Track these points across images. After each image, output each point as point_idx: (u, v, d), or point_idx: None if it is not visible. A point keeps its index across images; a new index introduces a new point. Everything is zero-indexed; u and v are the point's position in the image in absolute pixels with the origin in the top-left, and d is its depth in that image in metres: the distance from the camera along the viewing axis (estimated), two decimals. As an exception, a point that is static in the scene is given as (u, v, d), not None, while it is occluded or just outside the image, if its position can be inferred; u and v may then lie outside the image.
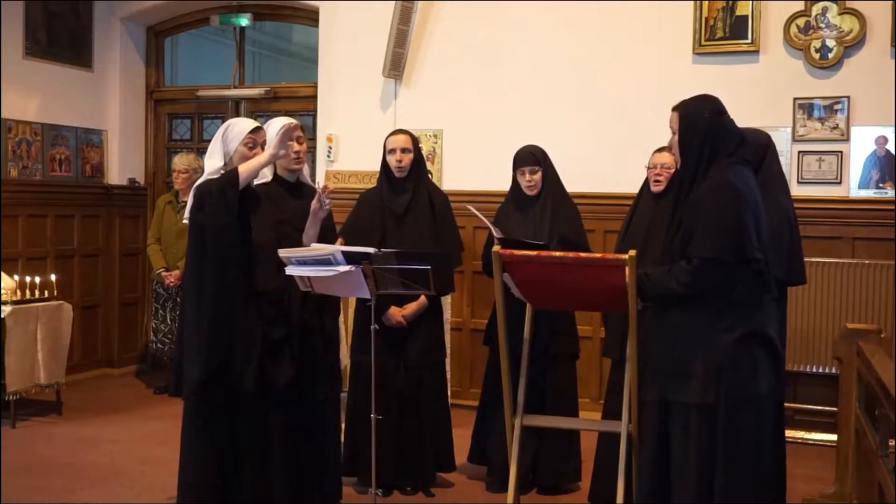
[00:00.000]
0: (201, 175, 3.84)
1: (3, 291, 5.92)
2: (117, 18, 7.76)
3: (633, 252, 3.27)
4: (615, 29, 6.25)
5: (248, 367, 3.65)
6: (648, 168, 4.33)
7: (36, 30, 7.10)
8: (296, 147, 3.96)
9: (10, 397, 5.83)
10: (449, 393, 4.93)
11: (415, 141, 4.71)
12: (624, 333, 3.74)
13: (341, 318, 5.17)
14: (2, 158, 6.73)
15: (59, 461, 5.21)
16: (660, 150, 4.30)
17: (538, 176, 4.59)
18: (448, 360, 5.03)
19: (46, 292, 6.12)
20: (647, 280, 3.26)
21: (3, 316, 5.74)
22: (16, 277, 6.11)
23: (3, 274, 6.08)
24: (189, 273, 3.75)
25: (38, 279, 6.10)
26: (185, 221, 3.77)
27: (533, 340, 4.12)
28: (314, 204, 3.85)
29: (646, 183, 4.38)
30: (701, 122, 3.22)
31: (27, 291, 6.02)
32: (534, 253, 3.55)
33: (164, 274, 6.65)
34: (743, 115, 3.58)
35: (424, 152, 6.24)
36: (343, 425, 4.62)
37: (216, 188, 3.62)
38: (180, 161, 6.73)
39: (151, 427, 5.90)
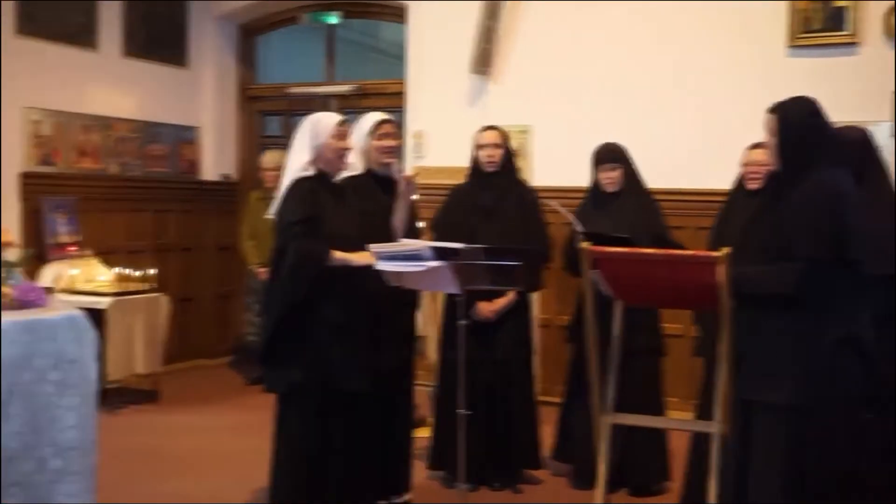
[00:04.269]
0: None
1: (104, 284, 6.14)
2: (211, 17, 7.95)
3: (726, 249, 3.22)
4: (706, 22, 6.14)
5: (341, 363, 3.70)
6: (743, 165, 4.25)
7: (134, 30, 7.31)
8: (387, 142, 4.00)
9: (110, 386, 6.03)
10: (537, 389, 4.93)
11: (505, 137, 4.72)
12: (716, 333, 3.67)
13: (431, 314, 5.21)
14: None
15: (155, 448, 5.38)
16: (754, 146, 4.22)
17: (617, 173, 4.56)
18: (536, 357, 5.02)
19: (145, 285, 6.31)
20: (743, 279, 3.20)
21: (104, 307, 5.95)
22: (117, 270, 6.32)
23: (105, 267, 6.30)
24: (273, 269, 3.84)
25: (137, 272, 6.30)
26: (271, 216, 3.85)
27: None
28: (401, 186, 3.90)
29: (740, 180, 4.30)
30: (799, 124, 3.15)
31: (127, 284, 6.22)
32: (624, 249, 3.52)
33: (257, 270, 6.77)
34: (839, 110, 3.48)
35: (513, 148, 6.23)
36: (432, 420, 4.66)
37: (309, 250, 3.67)
38: (269, 159, 6.84)
39: (244, 417, 6.03)
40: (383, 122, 4.17)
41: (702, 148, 6.06)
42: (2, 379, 2.64)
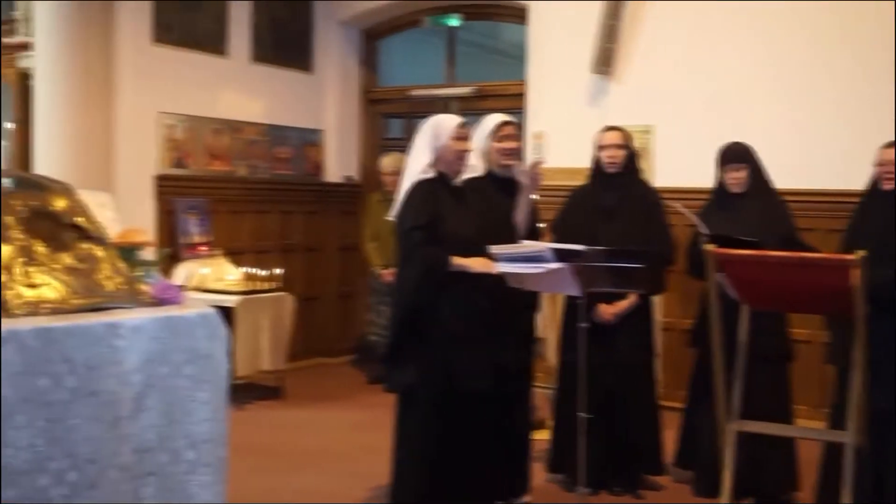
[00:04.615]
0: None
1: (233, 282, 6.35)
2: (335, 23, 8.12)
3: (862, 252, 3.09)
4: (839, 19, 5.91)
5: (461, 363, 3.73)
6: (876, 165, 4.08)
7: (261, 36, 7.54)
8: (508, 144, 4.01)
9: (237, 382, 6.23)
10: (658, 394, 4.85)
11: (627, 137, 4.66)
12: (849, 339, 3.54)
13: (550, 316, 5.19)
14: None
15: (279, 443, 5.52)
16: (888, 145, 4.04)
17: (744, 173, 4.44)
18: (658, 361, 4.94)
19: (272, 284, 6.50)
20: (880, 283, 3.08)
21: (233, 305, 6.14)
22: (245, 269, 6.52)
23: (234, 266, 6.52)
24: (398, 273, 3.90)
25: (264, 271, 6.49)
26: (391, 218, 3.90)
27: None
28: (524, 179, 3.90)
29: (874, 180, 4.12)
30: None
31: (255, 283, 6.42)
32: (752, 252, 3.43)
33: (380, 272, 6.85)
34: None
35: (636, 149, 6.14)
36: (551, 422, 4.64)
37: (433, 257, 3.71)
38: (388, 163, 6.92)
39: (365, 415, 6.13)
40: (504, 123, 4.18)
41: (832, 147, 5.84)
42: (140, 373, 2.75)
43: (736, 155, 4.47)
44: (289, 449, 5.42)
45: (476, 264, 3.70)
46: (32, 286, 2.71)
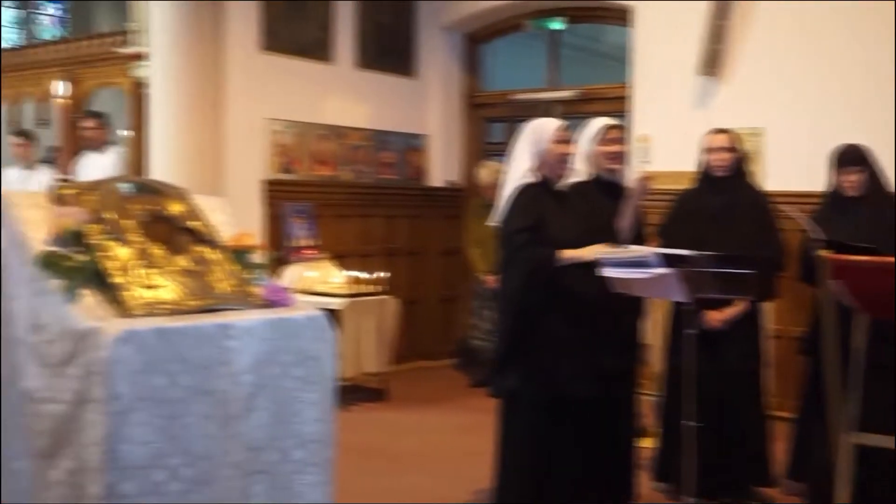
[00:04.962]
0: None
1: (338, 285, 6.45)
2: (438, 28, 8.17)
3: None
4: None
5: (566, 369, 3.70)
6: None
7: (366, 42, 7.65)
8: (613, 148, 3.97)
9: (342, 383, 6.31)
10: (767, 403, 4.71)
11: (736, 140, 4.55)
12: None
13: (656, 322, 5.10)
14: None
15: (384, 445, 5.58)
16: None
17: (860, 176, 4.27)
18: (767, 370, 4.80)
19: (376, 287, 6.58)
20: None
21: (338, 308, 6.24)
22: (350, 273, 6.62)
23: (339, 269, 6.62)
24: (502, 278, 3.89)
25: (368, 275, 6.58)
26: (494, 223, 3.90)
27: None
28: (633, 188, 3.86)
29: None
30: None
31: (359, 286, 6.50)
32: (870, 258, 3.30)
33: (485, 277, 6.85)
34: None
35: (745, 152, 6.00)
36: (656, 430, 4.56)
37: (537, 256, 3.68)
38: (485, 174, 6.93)
39: (468, 418, 6.14)
40: (610, 126, 4.14)
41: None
42: (251, 373, 2.82)
43: (853, 157, 4.32)
44: (393, 451, 5.47)
45: (588, 252, 3.66)
46: (150, 287, 2.81)
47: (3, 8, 13.33)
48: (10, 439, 2.97)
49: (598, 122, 4.12)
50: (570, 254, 3.67)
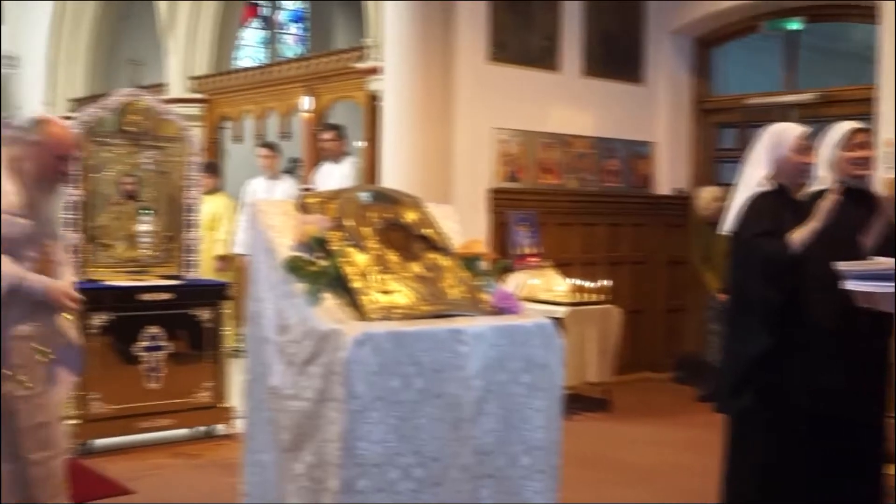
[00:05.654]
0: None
1: (561, 293, 6.45)
2: (667, 32, 8.01)
3: None
4: None
5: (802, 387, 3.52)
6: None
7: (593, 50, 7.61)
8: (860, 153, 3.74)
9: (564, 392, 6.30)
10: None
11: None
12: None
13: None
14: None
15: (607, 456, 5.52)
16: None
17: None
18: None
19: (599, 296, 6.52)
20: None
21: (561, 316, 6.24)
22: (573, 281, 6.61)
23: (562, 277, 6.63)
24: (733, 287, 3.75)
25: (592, 283, 6.53)
26: (725, 232, 3.76)
27: None
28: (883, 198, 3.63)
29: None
30: None
31: (582, 294, 6.48)
32: None
33: (719, 295, 6.61)
34: None
35: None
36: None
37: (774, 248, 3.55)
38: (706, 197, 6.76)
39: (692, 433, 5.96)
40: (857, 131, 3.89)
41: None
42: (481, 378, 2.88)
43: None
44: (617, 463, 5.40)
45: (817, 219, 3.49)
46: (386, 292, 2.93)
47: (250, 29, 14.32)
48: (256, 433, 3.18)
49: (844, 126, 3.89)
50: (799, 235, 3.50)
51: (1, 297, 3.17)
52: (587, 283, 6.56)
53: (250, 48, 14.54)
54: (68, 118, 10.03)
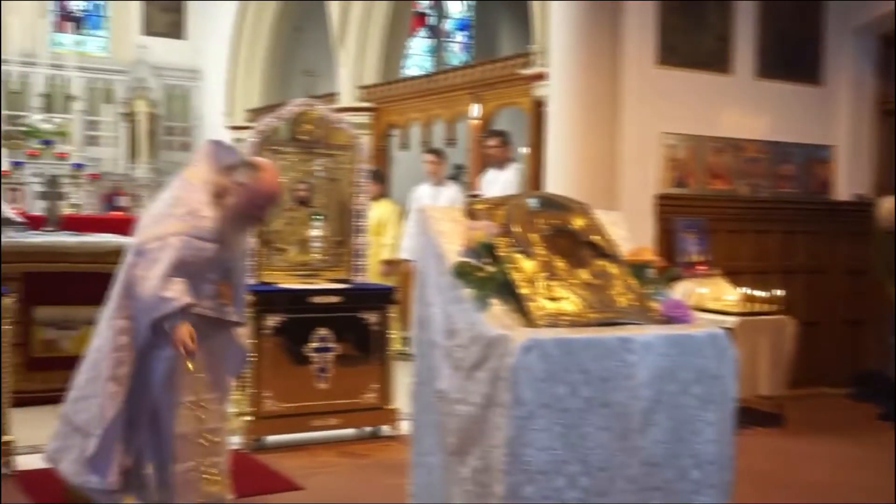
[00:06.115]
0: None
1: (731, 303, 6.25)
2: (848, 30, 7.63)
3: None
4: None
5: None
6: None
7: (767, 51, 7.35)
8: None
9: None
10: None
11: None
12: None
13: None
14: None
15: (780, 473, 5.30)
16: None
17: None
18: None
19: (771, 306, 6.28)
20: None
21: (731, 326, 6.04)
22: (743, 290, 6.39)
23: (732, 286, 6.42)
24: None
25: (763, 293, 6.30)
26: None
27: None
28: None
29: None
30: None
31: (753, 304, 6.25)
32: None
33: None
34: None
35: None
36: None
37: None
38: (889, 207, 6.43)
39: (867, 452, 5.68)
40: None
41: None
42: (650, 388, 2.82)
43: None
44: (789, 480, 5.18)
45: None
46: (553, 299, 2.91)
47: (417, 38, 14.62)
48: (423, 435, 3.22)
49: None
50: None
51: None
52: (758, 293, 6.32)
53: (417, 57, 14.85)
54: (245, 128, 10.56)
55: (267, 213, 3.65)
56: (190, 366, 3.41)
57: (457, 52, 15.43)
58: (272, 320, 5.33)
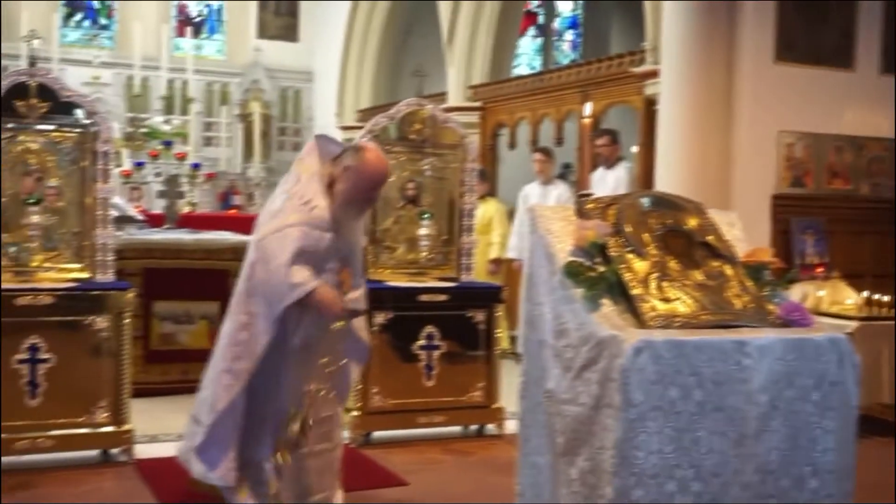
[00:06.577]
0: None
1: (851, 307, 6.03)
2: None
3: None
4: None
5: None
6: None
7: (892, 46, 7.08)
8: None
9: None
10: None
11: None
12: None
13: None
14: None
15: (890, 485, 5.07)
16: None
17: None
18: None
19: (892, 311, 6.04)
20: None
21: (850, 331, 5.82)
22: (864, 294, 6.16)
23: (852, 290, 6.20)
24: None
25: (885, 297, 6.06)
26: None
27: None
28: None
29: None
30: None
31: (875, 309, 6.02)
32: None
33: None
34: None
35: None
36: None
37: None
38: None
39: None
40: None
41: None
42: (766, 393, 2.73)
43: None
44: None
45: None
46: (666, 300, 2.85)
47: (526, 38, 14.58)
48: (532, 435, 3.20)
49: None
50: None
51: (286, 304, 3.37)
52: (881, 297, 6.08)
53: (526, 56, 14.81)
54: (356, 128, 10.72)
55: (377, 194, 3.65)
56: (340, 324, 3.46)
57: (566, 50, 15.32)
58: (380, 318, 5.38)
